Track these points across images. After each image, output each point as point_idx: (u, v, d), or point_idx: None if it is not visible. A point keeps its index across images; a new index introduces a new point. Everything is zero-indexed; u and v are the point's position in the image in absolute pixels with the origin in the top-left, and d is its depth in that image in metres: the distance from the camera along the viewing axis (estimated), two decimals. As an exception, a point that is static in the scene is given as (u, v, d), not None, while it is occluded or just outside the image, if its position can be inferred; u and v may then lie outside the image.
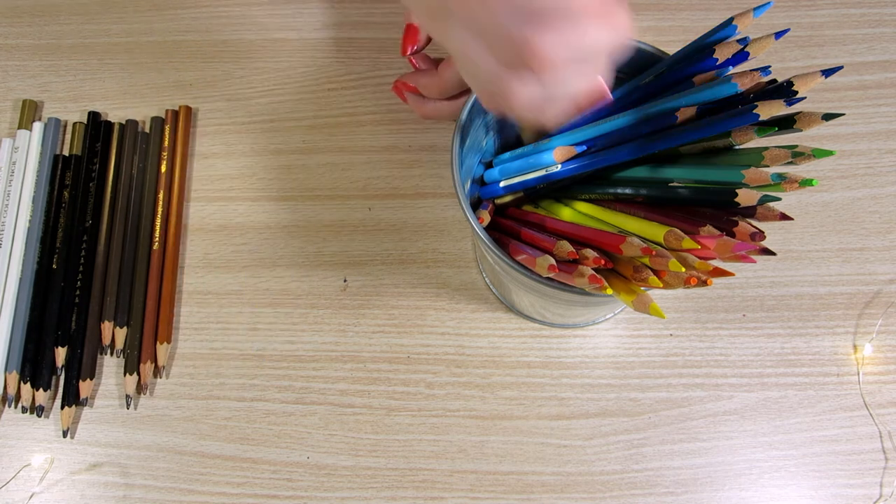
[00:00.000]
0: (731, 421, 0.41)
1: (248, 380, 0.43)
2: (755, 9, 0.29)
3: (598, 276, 0.27)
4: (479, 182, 0.41)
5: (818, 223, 0.45)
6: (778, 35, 0.29)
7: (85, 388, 0.42)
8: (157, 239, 0.46)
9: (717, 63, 0.30)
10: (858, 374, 0.42)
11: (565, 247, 0.29)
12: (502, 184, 0.38)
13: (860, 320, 0.43)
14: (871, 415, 0.41)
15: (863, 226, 0.45)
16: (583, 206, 0.35)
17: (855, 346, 0.42)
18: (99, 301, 0.44)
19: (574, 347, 0.43)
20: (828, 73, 0.27)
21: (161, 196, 0.47)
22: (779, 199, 0.26)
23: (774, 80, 0.29)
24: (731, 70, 0.30)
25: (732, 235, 0.26)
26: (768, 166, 0.27)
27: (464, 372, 0.43)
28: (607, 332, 0.43)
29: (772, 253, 0.26)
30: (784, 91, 0.28)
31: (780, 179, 0.26)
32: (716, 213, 0.29)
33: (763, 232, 0.26)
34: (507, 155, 0.39)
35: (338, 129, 0.49)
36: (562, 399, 0.42)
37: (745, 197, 0.27)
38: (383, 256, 0.45)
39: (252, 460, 0.41)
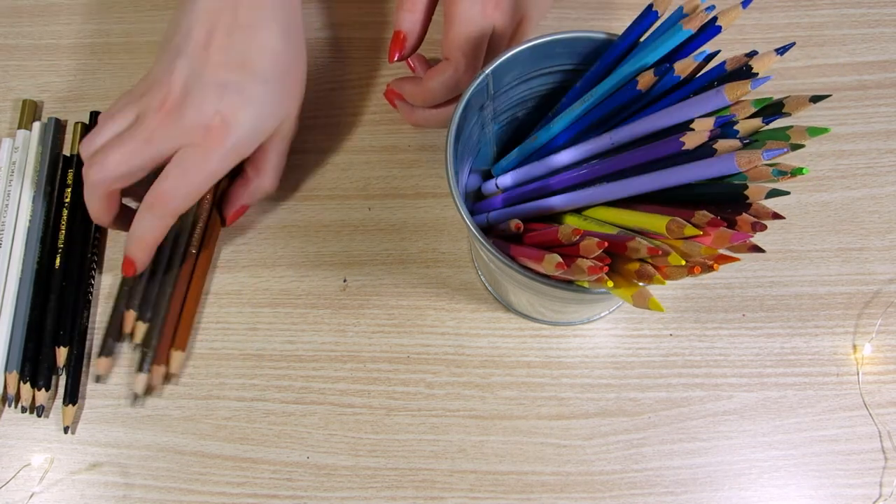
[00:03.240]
0: (731, 421, 0.41)
1: (248, 380, 0.43)
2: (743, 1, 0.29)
3: (597, 266, 0.27)
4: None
5: (818, 223, 0.45)
6: (745, 4, 0.29)
7: (103, 365, 0.42)
8: (194, 241, 0.44)
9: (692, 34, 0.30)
10: (858, 373, 0.42)
11: (568, 229, 0.29)
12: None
13: (860, 320, 0.43)
14: (870, 415, 0.41)
15: (862, 226, 0.45)
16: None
17: (854, 346, 0.43)
18: (127, 293, 0.43)
19: (574, 347, 0.43)
20: (781, 50, 0.28)
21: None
22: (787, 192, 0.26)
23: (717, 21, 0.30)
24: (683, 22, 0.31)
25: (733, 226, 0.26)
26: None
27: (463, 372, 0.43)
28: (607, 331, 0.43)
29: (761, 250, 0.26)
30: (744, 73, 0.28)
31: (781, 175, 0.26)
32: (717, 209, 0.29)
33: (764, 223, 0.26)
34: (504, 163, 0.39)
35: (338, 129, 0.49)
36: (562, 399, 0.42)
37: (755, 191, 0.27)
38: (383, 256, 0.46)
39: (252, 460, 0.41)
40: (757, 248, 0.26)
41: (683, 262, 0.25)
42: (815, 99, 0.27)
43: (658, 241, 0.27)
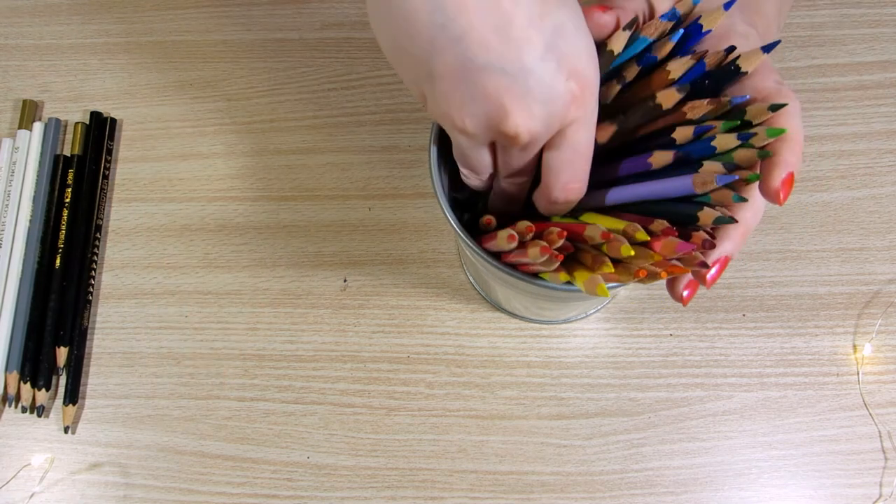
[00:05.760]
0: (731, 421, 0.41)
1: (248, 380, 0.43)
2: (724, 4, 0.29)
3: (548, 246, 0.27)
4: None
5: (818, 223, 0.45)
6: (727, 6, 0.29)
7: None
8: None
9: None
10: (858, 373, 0.42)
11: (523, 224, 0.30)
12: None
13: (860, 320, 0.43)
14: (870, 414, 0.41)
15: (862, 226, 0.45)
16: None
17: (854, 346, 0.43)
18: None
19: (574, 347, 0.43)
20: (767, 49, 0.28)
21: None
22: (735, 221, 0.27)
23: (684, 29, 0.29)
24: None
25: (688, 239, 0.27)
26: (742, 167, 0.27)
27: (464, 372, 0.43)
28: (607, 331, 0.43)
29: (707, 266, 0.26)
30: (732, 72, 0.28)
31: (742, 201, 0.26)
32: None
33: (714, 241, 0.27)
34: None
35: (338, 129, 0.49)
36: (562, 399, 0.42)
37: (705, 217, 0.27)
38: (383, 256, 0.46)
39: (252, 460, 0.41)
40: (704, 265, 0.26)
41: (633, 252, 0.26)
42: (774, 108, 0.27)
43: (614, 232, 0.28)
